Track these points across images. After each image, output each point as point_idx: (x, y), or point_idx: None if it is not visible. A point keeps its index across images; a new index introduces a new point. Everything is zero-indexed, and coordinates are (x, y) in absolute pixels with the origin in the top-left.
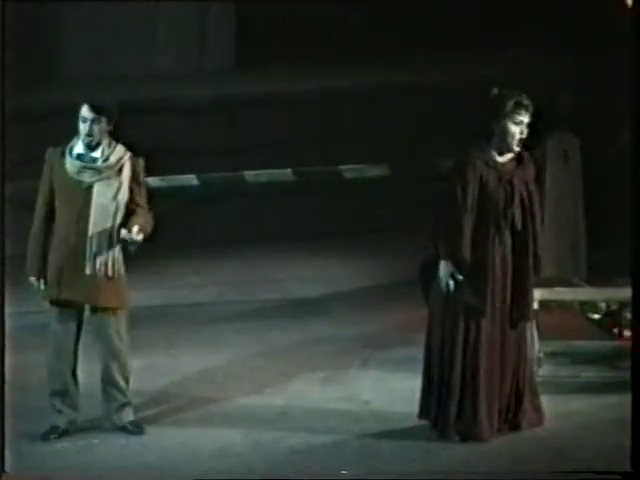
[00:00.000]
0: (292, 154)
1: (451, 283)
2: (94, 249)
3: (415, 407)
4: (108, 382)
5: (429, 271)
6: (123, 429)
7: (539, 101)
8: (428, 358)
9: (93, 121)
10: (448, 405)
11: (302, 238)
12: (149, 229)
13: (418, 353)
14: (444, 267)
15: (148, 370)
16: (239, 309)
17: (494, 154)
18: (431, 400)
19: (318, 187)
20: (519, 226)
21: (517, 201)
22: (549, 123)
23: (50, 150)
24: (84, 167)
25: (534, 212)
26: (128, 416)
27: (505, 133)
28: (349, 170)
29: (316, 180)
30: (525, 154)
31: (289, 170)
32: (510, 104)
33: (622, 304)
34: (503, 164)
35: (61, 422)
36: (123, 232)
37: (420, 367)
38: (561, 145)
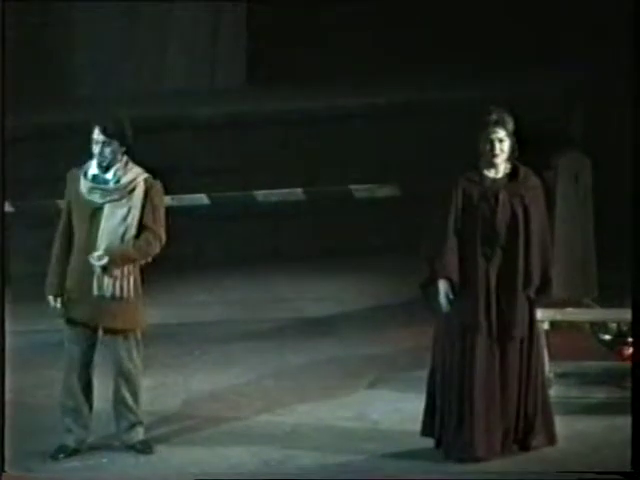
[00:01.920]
0: (303, 173)
1: (445, 302)
2: (100, 270)
3: None
4: (118, 402)
5: (429, 290)
6: (132, 448)
7: (549, 121)
8: (431, 377)
9: (104, 144)
10: (448, 424)
11: (312, 258)
12: (149, 251)
13: (425, 372)
14: (442, 286)
15: (159, 389)
16: (250, 328)
17: (481, 170)
18: (434, 419)
19: (329, 206)
20: (502, 241)
21: (501, 215)
22: (560, 143)
23: (73, 170)
24: (95, 188)
25: (529, 228)
26: (138, 435)
27: (483, 149)
28: (359, 190)
29: (327, 199)
30: (523, 170)
31: (300, 190)
32: (484, 121)
33: None
34: (492, 180)
35: (70, 441)
36: (92, 255)
37: None
38: (572, 165)
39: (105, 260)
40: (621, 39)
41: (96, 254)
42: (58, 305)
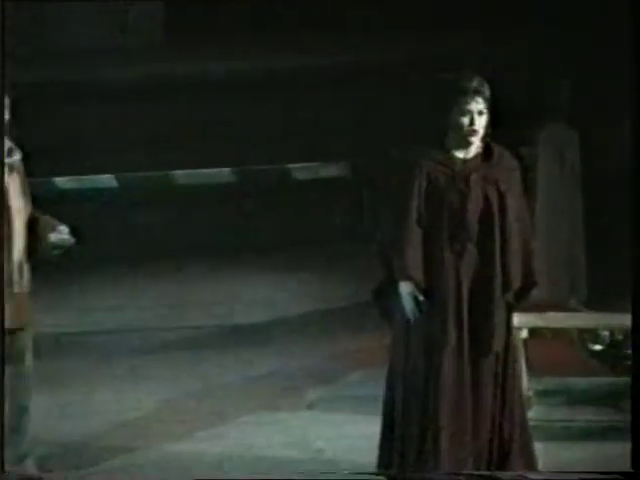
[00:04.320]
0: (231, 150)
1: (412, 306)
2: None
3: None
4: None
5: (386, 293)
6: None
7: (526, 86)
8: (388, 399)
9: None
10: (409, 456)
11: (243, 252)
12: None
13: (380, 390)
14: (404, 289)
15: (56, 411)
16: (166, 337)
17: (449, 149)
18: (392, 451)
19: (262, 190)
20: (474, 235)
21: (473, 203)
22: (541, 114)
23: None
24: None
25: (506, 218)
26: (29, 468)
27: (454, 125)
28: (300, 169)
29: (260, 181)
30: (497, 149)
31: (227, 169)
32: (461, 88)
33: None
34: (462, 161)
35: None
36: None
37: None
38: (557, 142)
39: None
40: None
41: None
42: None
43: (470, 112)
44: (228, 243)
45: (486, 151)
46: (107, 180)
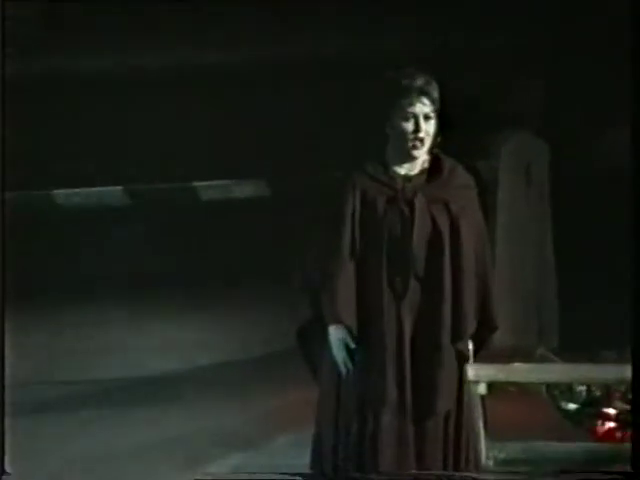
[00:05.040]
0: (124, 164)
1: (342, 356)
2: None
3: None
4: None
5: (312, 336)
6: None
7: (488, 89)
8: (316, 461)
9: None
10: None
11: (142, 287)
12: None
13: (307, 455)
14: (334, 334)
15: None
16: (38, 395)
17: (389, 164)
18: None
19: (160, 213)
20: (420, 270)
21: (419, 230)
22: (504, 121)
23: None
24: None
25: (460, 248)
26: None
27: (395, 132)
28: (209, 188)
29: (160, 202)
30: (448, 162)
31: (119, 188)
32: (404, 87)
33: (610, 388)
34: (405, 178)
35: None
36: None
37: None
38: (521, 153)
39: None
40: None
41: None
42: None
43: (414, 116)
44: (120, 276)
45: (434, 165)
46: None
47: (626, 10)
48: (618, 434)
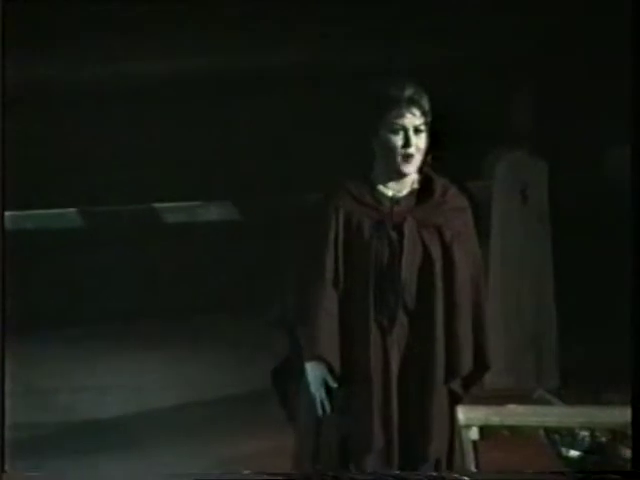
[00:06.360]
0: (80, 184)
1: (321, 396)
2: None
3: None
4: None
5: (288, 375)
6: None
7: (482, 104)
8: None
9: None
10: None
11: (93, 322)
12: None
13: None
14: (312, 371)
15: None
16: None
17: (376, 183)
18: None
19: (119, 237)
20: (409, 302)
21: (408, 257)
22: (499, 139)
23: None
24: None
25: (453, 278)
26: None
27: (383, 148)
28: (172, 211)
29: (119, 226)
30: (440, 182)
31: (74, 210)
32: (392, 98)
33: (617, 434)
34: (393, 200)
35: None
36: None
37: None
38: (518, 172)
39: None
40: None
41: None
42: None
43: (404, 128)
44: (71, 310)
45: (425, 186)
46: None
47: (626, 27)
48: None
